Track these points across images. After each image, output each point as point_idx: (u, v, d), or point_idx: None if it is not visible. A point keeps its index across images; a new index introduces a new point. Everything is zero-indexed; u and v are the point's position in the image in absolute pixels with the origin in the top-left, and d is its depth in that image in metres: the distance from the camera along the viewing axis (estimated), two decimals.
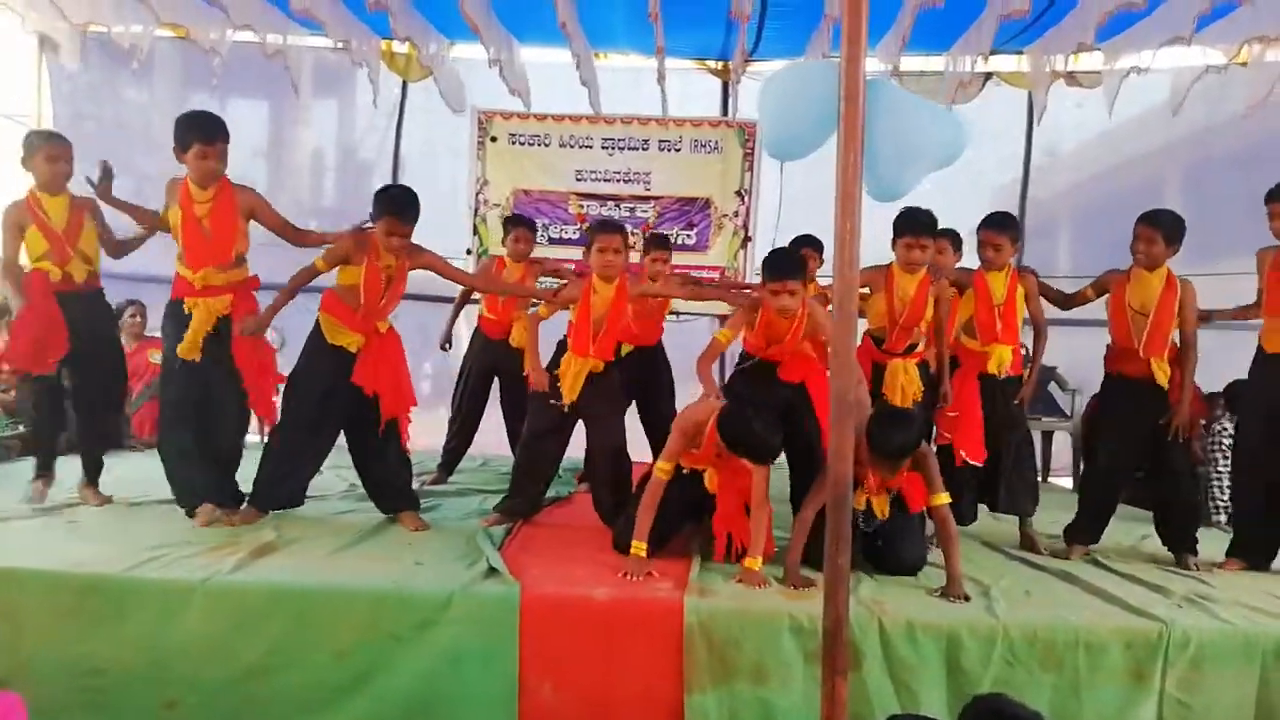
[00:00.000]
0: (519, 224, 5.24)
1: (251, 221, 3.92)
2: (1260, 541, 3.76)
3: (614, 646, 2.90)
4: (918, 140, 2.31)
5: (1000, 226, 4.01)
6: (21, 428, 5.01)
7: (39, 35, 6.17)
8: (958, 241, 4.68)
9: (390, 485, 4.01)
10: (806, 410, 3.87)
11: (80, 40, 5.98)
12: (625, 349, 4.82)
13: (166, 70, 6.50)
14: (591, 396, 3.91)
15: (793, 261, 3.76)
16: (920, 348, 4.06)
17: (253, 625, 2.91)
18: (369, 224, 3.83)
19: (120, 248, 4.23)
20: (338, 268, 3.83)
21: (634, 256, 4.65)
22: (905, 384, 3.97)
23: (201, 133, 3.71)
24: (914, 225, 3.86)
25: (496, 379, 5.21)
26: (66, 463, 4.18)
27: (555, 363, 4.00)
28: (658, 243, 5.05)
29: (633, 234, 6.49)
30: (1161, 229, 3.77)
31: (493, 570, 3.14)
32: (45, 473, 4.08)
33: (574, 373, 3.87)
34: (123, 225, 4.26)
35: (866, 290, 3.97)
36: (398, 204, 3.79)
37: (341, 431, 3.98)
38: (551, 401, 3.89)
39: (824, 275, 5.22)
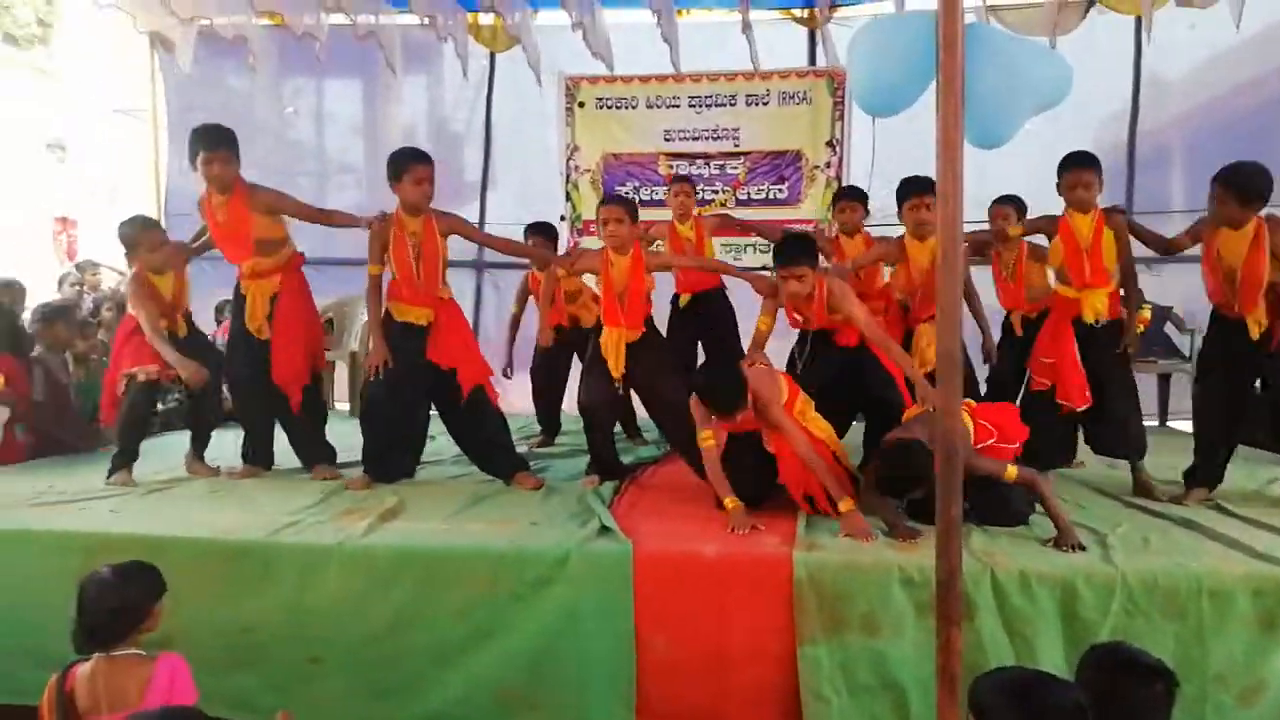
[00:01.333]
0: (678, 180, 5.29)
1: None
2: None
3: (726, 601, 2.97)
4: (1020, 83, 2.24)
5: (1085, 164, 3.86)
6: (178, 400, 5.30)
7: (150, 34, 6.47)
8: (1022, 208, 4.70)
9: (495, 450, 4.18)
10: (872, 366, 3.90)
11: (192, 37, 6.24)
12: (683, 299, 4.92)
13: (265, 57, 6.73)
14: (638, 366, 4.01)
15: (797, 247, 3.79)
16: None
17: (383, 586, 3.09)
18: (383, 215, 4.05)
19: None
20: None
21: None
22: (926, 348, 3.93)
23: (203, 144, 4.03)
24: (916, 186, 3.96)
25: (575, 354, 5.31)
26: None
27: (598, 335, 4.12)
28: (678, 180, 5.20)
29: (723, 190, 6.50)
30: (1235, 188, 3.52)
31: (605, 529, 3.24)
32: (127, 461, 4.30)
33: (614, 345, 3.98)
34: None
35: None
36: (411, 153, 4.02)
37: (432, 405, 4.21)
38: (604, 369, 4.02)
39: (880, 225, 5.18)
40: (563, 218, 6.63)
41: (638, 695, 2.96)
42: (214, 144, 4.03)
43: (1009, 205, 4.78)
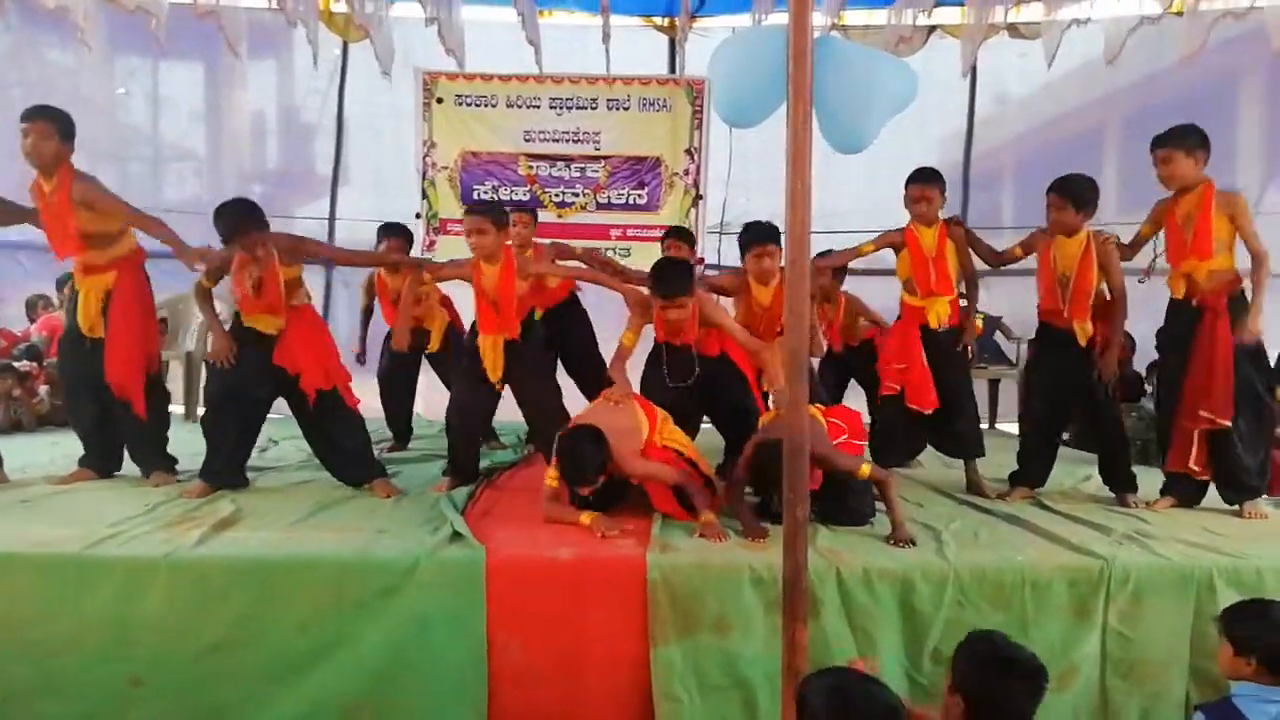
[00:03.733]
0: (519, 210, 5.05)
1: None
2: (1188, 479, 3.89)
3: (580, 604, 2.95)
4: (872, 89, 2.34)
5: (929, 180, 4.10)
6: None
7: None
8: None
9: (351, 456, 4.03)
10: (732, 376, 4.04)
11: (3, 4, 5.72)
12: (536, 313, 4.86)
13: (94, 31, 6.25)
14: (514, 368, 4.00)
15: (678, 280, 3.82)
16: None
17: (217, 599, 2.90)
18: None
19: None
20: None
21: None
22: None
23: (22, 115, 3.76)
24: (761, 235, 4.08)
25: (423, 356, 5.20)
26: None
27: (473, 339, 4.07)
28: (519, 208, 5.10)
29: (583, 193, 6.50)
30: (1070, 196, 3.83)
31: (457, 535, 3.16)
32: None
33: (491, 350, 3.96)
34: None
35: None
36: (245, 214, 3.77)
37: (273, 408, 4.05)
38: (479, 374, 3.98)
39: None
40: (418, 215, 6.45)
41: (490, 703, 2.90)
42: (33, 114, 3.72)
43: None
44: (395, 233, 5.05)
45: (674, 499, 3.48)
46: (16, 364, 5.42)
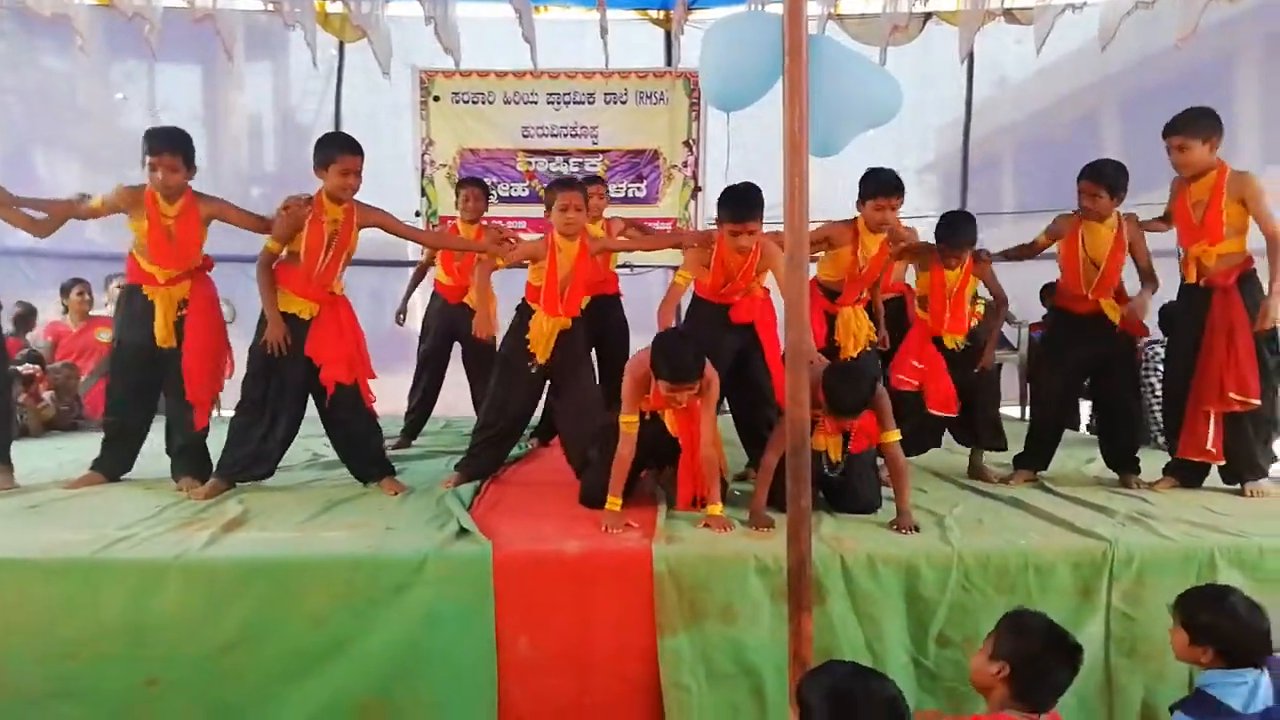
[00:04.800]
0: (470, 184, 5.21)
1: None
2: (1191, 461, 3.90)
3: (587, 597, 2.97)
4: (854, 99, 2.35)
5: (959, 233, 4.05)
6: None
7: None
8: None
9: (363, 452, 4.04)
10: (756, 354, 3.98)
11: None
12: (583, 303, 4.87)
13: (91, 38, 6.27)
14: (560, 356, 3.94)
15: (752, 201, 3.75)
16: (864, 294, 4.18)
17: (228, 599, 2.91)
18: (306, 198, 3.83)
19: (41, 227, 4.04)
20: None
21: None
22: (857, 330, 4.09)
23: (147, 146, 3.75)
24: (885, 187, 3.95)
25: (457, 342, 5.22)
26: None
27: (521, 325, 4.00)
28: (592, 180, 5.08)
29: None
30: (1104, 182, 3.83)
31: (464, 531, 3.18)
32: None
33: (546, 333, 3.89)
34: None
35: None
36: (341, 142, 3.84)
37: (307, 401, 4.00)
38: (527, 365, 3.91)
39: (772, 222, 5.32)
40: (418, 213, 6.48)
41: (500, 697, 2.92)
42: (160, 147, 3.72)
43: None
44: (473, 184, 5.13)
45: (691, 481, 3.45)
46: (20, 368, 5.45)
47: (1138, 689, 3.04)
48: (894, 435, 3.41)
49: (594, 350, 4.97)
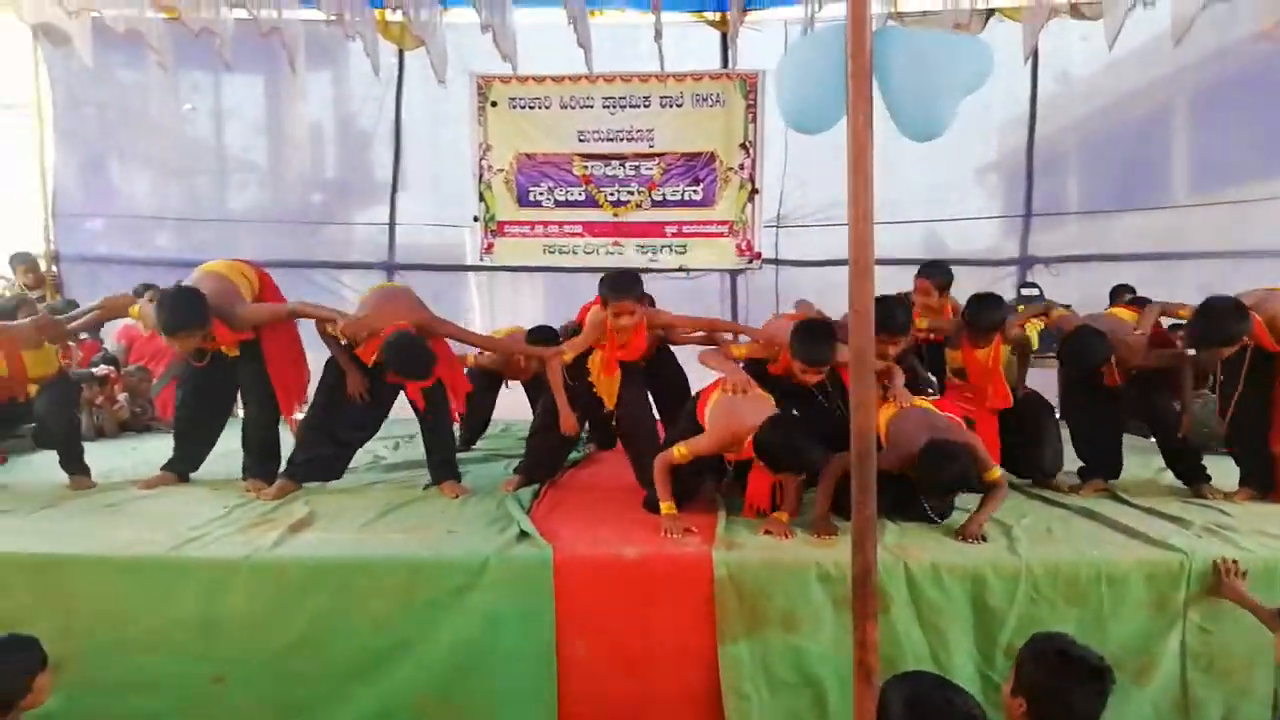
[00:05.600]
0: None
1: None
2: (1266, 470, 3.76)
3: (647, 602, 2.97)
4: (941, 73, 2.29)
5: (982, 319, 4.02)
6: None
7: (34, 26, 6.12)
8: (946, 279, 4.56)
9: (433, 455, 4.13)
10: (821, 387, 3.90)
11: (88, 30, 5.92)
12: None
13: (164, 52, 6.45)
14: (623, 393, 4.00)
15: (825, 344, 3.64)
16: None
17: (294, 599, 2.98)
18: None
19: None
20: None
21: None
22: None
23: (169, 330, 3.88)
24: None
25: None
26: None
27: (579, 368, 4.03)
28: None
29: (638, 191, 6.52)
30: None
31: (524, 534, 3.21)
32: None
33: (609, 385, 3.97)
34: None
35: None
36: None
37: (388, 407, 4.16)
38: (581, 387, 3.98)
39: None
40: (476, 218, 6.54)
41: (560, 699, 2.94)
42: (173, 329, 3.83)
43: (931, 279, 4.50)
44: (543, 338, 4.76)
45: (768, 493, 3.44)
46: (95, 370, 5.63)
47: (1217, 705, 2.94)
48: (995, 473, 3.34)
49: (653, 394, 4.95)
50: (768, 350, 3.89)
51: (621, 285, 3.89)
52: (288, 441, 4.18)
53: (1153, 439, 4.45)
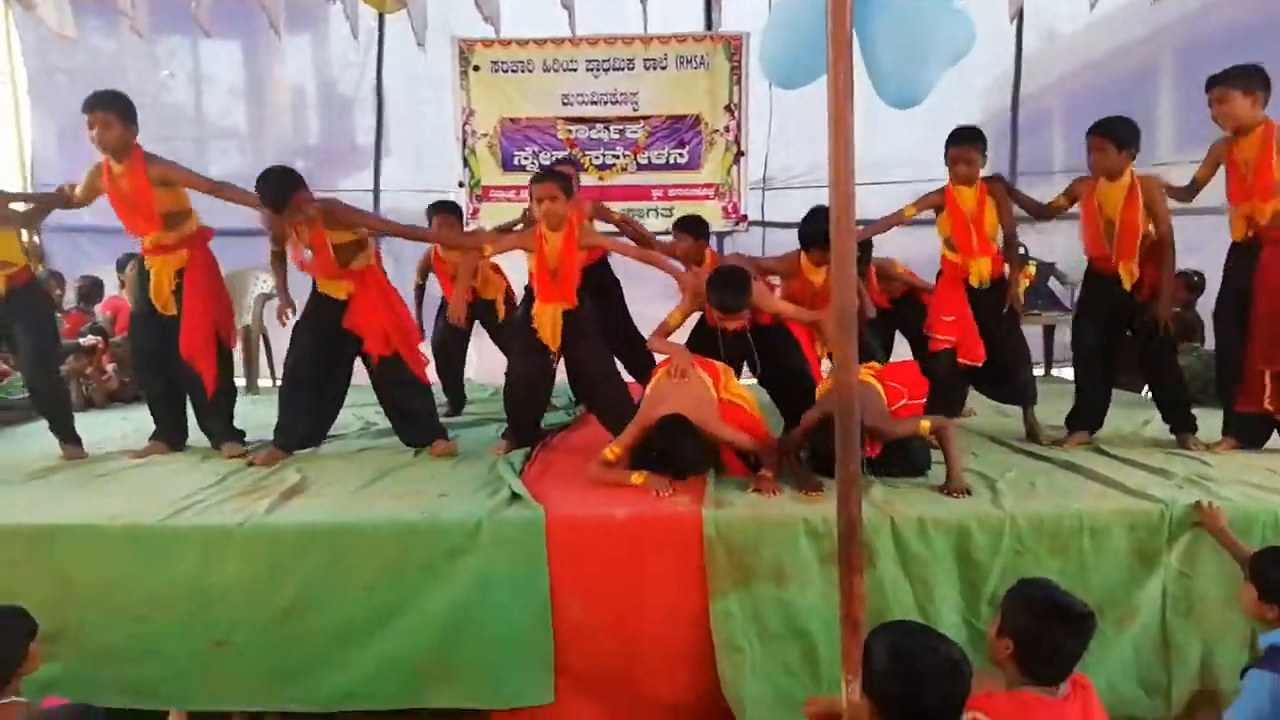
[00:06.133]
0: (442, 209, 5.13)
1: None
2: (1250, 420, 3.83)
3: (638, 561, 3.01)
4: (925, 39, 2.29)
5: (969, 140, 4.07)
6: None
7: None
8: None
9: (411, 418, 4.15)
10: (783, 339, 4.04)
11: None
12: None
13: (142, 20, 6.34)
14: (570, 336, 4.01)
15: (738, 291, 3.73)
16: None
17: (289, 565, 3.01)
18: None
19: (24, 220, 4.30)
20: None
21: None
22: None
23: (89, 104, 3.86)
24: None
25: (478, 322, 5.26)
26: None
27: (527, 307, 4.07)
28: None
29: (623, 154, 6.49)
30: (1110, 136, 3.76)
31: (516, 496, 3.24)
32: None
33: (550, 320, 3.96)
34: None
35: None
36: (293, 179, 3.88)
37: (353, 371, 4.13)
38: (534, 344, 3.98)
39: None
40: (461, 184, 6.50)
41: (556, 658, 2.99)
42: (93, 104, 3.84)
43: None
44: (448, 209, 5.09)
45: (743, 461, 3.52)
46: (83, 340, 5.60)
47: (1196, 647, 3.01)
48: (925, 425, 3.33)
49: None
50: (694, 303, 3.91)
51: (544, 171, 4.12)
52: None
53: (1139, 393, 4.54)
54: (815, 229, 4.01)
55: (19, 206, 4.25)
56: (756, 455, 3.45)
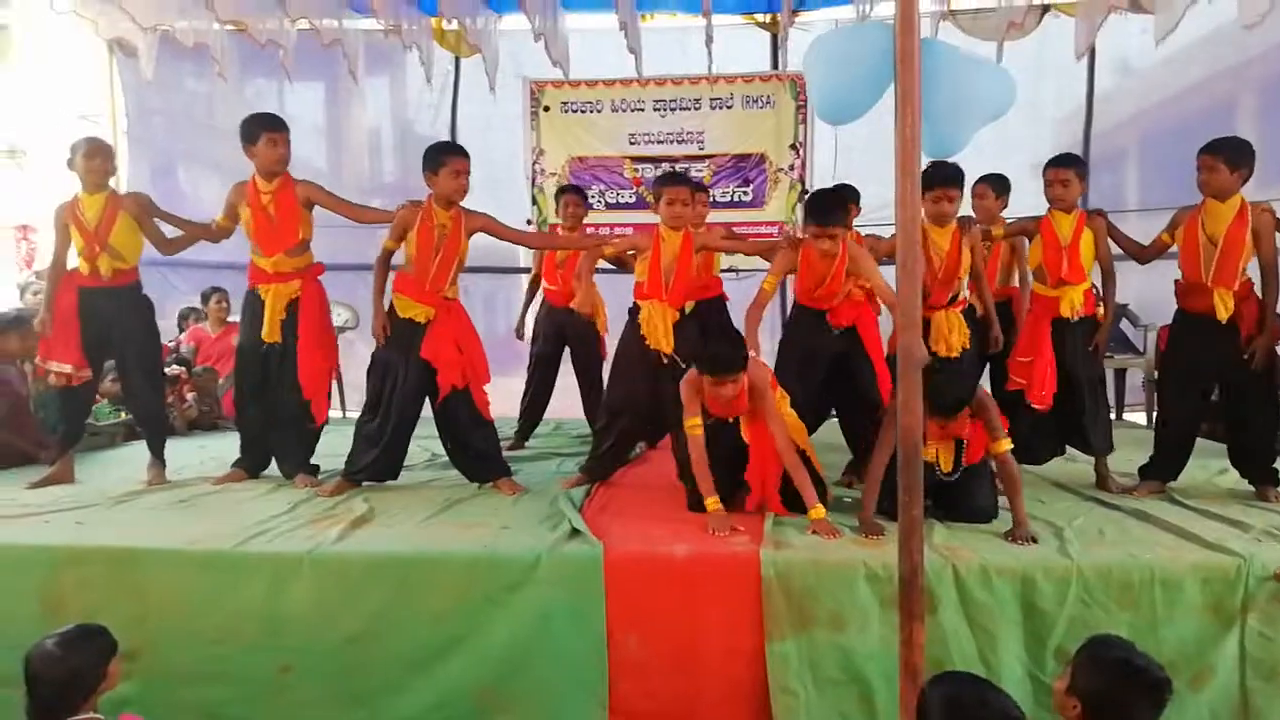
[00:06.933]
0: (569, 191, 5.38)
1: (315, 208, 4.21)
2: None
3: (695, 600, 3.01)
4: (968, 98, 2.33)
5: (1068, 164, 4.01)
6: (124, 414, 5.33)
7: (109, 40, 6.38)
8: (1003, 185, 4.67)
9: (481, 455, 4.16)
10: (859, 356, 4.01)
11: (155, 44, 6.15)
12: (687, 306, 4.86)
13: (228, 63, 6.68)
14: (678, 351, 3.95)
15: (834, 205, 3.85)
16: (963, 296, 4.10)
17: (356, 593, 3.09)
18: (414, 202, 4.05)
19: (170, 246, 4.47)
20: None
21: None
22: (948, 334, 4.01)
23: (270, 123, 4.08)
24: (942, 178, 3.89)
25: (566, 346, 5.34)
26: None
27: (633, 325, 4.06)
28: (698, 187, 5.01)
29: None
30: (1221, 155, 3.67)
31: (576, 531, 3.28)
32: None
33: (661, 320, 3.94)
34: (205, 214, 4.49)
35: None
36: (449, 145, 4.10)
37: (425, 403, 4.15)
38: (643, 361, 3.96)
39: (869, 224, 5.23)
40: (529, 221, 6.64)
41: (611, 694, 3.00)
42: (276, 124, 4.06)
43: (983, 184, 4.67)
44: (571, 191, 5.35)
45: (769, 474, 3.49)
46: (167, 370, 5.85)
47: (1278, 715, 2.88)
48: (1004, 445, 3.33)
49: None
50: (788, 255, 3.97)
51: (673, 174, 4.18)
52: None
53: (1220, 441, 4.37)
54: (938, 167, 3.89)
55: (168, 230, 4.42)
56: (800, 483, 3.39)
